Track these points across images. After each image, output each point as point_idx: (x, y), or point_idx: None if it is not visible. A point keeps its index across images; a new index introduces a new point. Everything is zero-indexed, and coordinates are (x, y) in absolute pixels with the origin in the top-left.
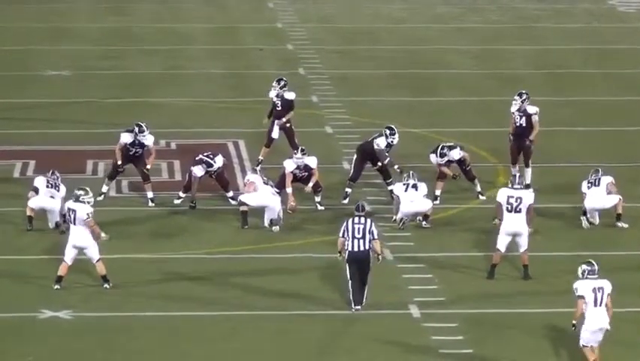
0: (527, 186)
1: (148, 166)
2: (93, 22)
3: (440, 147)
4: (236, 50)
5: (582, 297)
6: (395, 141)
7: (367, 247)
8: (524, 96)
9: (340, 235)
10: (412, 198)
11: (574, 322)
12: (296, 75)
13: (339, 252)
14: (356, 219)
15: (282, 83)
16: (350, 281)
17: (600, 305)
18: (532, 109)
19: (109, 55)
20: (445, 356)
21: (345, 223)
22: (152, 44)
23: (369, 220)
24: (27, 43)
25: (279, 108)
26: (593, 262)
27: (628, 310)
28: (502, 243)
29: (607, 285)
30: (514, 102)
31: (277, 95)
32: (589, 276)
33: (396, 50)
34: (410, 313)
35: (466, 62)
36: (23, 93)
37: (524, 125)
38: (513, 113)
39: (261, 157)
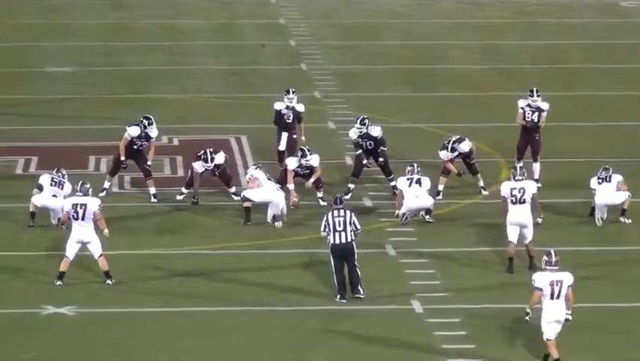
0: (535, 181)
1: (149, 162)
2: (94, 18)
3: (450, 142)
4: (239, 46)
5: (540, 289)
6: (365, 132)
7: (350, 239)
8: (540, 93)
9: (322, 229)
10: (416, 193)
11: (528, 310)
12: (298, 71)
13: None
14: (335, 212)
15: (293, 94)
16: (335, 274)
17: (558, 298)
18: (545, 105)
19: (110, 51)
20: (447, 352)
21: (325, 218)
22: (154, 40)
23: (348, 212)
24: (28, 40)
25: (289, 120)
26: (552, 253)
27: (636, 305)
28: (512, 234)
29: (567, 278)
30: (530, 99)
31: (287, 107)
32: (547, 267)
33: (398, 46)
34: (412, 308)
35: (468, 57)
36: (25, 89)
37: (536, 120)
38: (522, 108)
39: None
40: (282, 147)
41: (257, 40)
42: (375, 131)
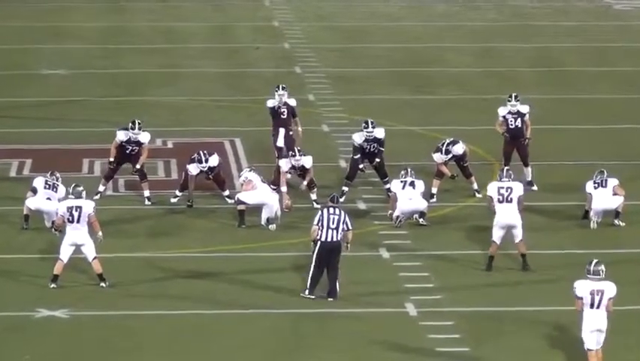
0: (530, 183)
1: (137, 166)
2: (89, 21)
3: (444, 144)
4: (233, 49)
5: (580, 298)
6: (373, 135)
7: (339, 238)
8: (519, 98)
9: (315, 223)
10: (410, 196)
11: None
12: (292, 74)
13: (313, 241)
14: (331, 210)
15: (283, 90)
16: (313, 269)
17: (598, 308)
18: (525, 108)
19: (105, 54)
20: (441, 355)
21: (320, 213)
22: (149, 43)
23: (343, 212)
24: (23, 42)
25: (285, 116)
26: (594, 262)
27: (634, 308)
28: (497, 235)
29: (609, 288)
30: (509, 105)
31: (280, 103)
32: (589, 276)
33: (393, 48)
34: (407, 311)
35: (463, 59)
36: (20, 92)
37: (520, 126)
38: (504, 116)
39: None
40: (280, 142)
41: (251, 43)
42: (380, 133)
